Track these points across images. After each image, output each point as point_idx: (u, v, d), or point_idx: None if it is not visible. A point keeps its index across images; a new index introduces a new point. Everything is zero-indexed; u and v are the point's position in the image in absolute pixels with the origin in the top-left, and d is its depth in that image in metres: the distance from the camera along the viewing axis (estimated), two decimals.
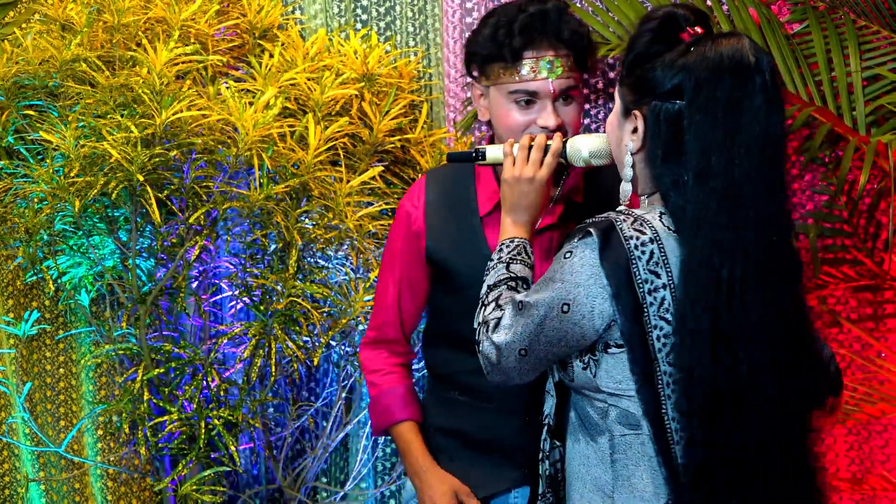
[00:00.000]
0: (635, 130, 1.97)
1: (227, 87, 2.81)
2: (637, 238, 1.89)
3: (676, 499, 1.90)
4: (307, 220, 2.95)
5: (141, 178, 2.69)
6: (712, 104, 1.84)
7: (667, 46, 1.92)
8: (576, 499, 2.03)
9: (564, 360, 2.01)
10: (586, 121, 3.36)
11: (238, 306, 3.26)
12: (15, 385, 3.21)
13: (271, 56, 2.96)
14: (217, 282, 3.16)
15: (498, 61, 2.31)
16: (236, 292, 3.03)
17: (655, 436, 1.91)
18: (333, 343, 3.21)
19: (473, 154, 2.32)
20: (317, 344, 2.99)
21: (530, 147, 2.23)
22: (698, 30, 1.94)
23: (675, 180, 1.89)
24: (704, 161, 1.85)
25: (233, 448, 2.90)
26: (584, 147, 2.23)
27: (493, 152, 2.30)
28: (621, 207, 2.02)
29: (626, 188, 2.02)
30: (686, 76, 1.87)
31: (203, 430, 2.87)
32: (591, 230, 1.92)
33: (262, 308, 2.95)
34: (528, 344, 1.97)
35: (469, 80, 2.43)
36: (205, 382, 2.92)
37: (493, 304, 2.07)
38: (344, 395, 3.26)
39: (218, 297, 3.22)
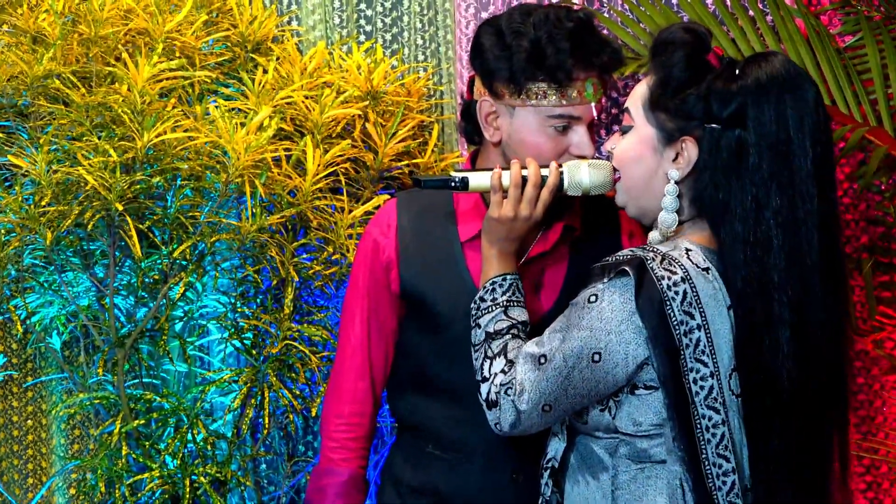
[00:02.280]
0: (676, 158, 2.02)
1: (216, 107, 2.80)
2: (669, 278, 1.94)
3: None
4: (304, 255, 2.96)
5: (120, 208, 2.71)
6: (776, 124, 1.94)
7: (700, 69, 2.00)
8: None
9: None
10: None
11: (227, 350, 3.21)
12: None
13: (265, 72, 2.95)
14: (204, 323, 3.16)
15: (542, 81, 2.17)
16: (225, 335, 3.04)
17: (694, 483, 1.96)
18: None
19: (453, 183, 2.19)
20: (315, 392, 2.98)
21: (524, 181, 2.15)
22: (716, 50, 2.05)
23: (728, 204, 1.96)
24: (766, 185, 1.94)
25: None
26: (584, 178, 2.19)
27: (479, 181, 2.18)
28: (647, 244, 2.09)
29: (668, 219, 2.04)
30: (746, 100, 1.95)
31: (188, 489, 2.86)
32: (627, 269, 1.95)
33: (254, 352, 2.97)
34: (554, 399, 2.00)
35: (482, 97, 2.27)
36: (190, 435, 2.91)
37: (502, 359, 2.07)
38: None
39: (205, 339, 3.22)
